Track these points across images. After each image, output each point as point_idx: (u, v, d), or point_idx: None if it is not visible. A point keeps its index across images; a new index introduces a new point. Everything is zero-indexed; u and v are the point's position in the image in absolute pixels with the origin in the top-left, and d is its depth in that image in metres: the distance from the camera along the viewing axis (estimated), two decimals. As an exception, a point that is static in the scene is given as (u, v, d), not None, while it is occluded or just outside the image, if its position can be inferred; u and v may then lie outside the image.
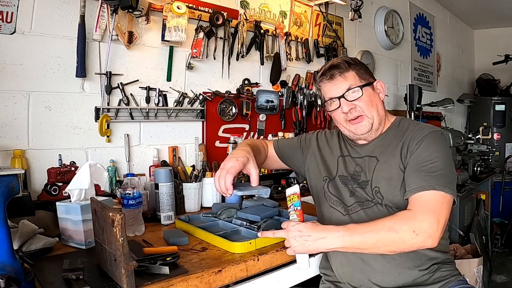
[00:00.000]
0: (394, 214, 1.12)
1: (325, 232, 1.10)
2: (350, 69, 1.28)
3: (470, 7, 4.61)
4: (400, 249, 1.09)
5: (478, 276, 2.34)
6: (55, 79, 1.64)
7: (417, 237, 1.06)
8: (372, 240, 1.08)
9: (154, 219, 1.61)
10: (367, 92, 1.28)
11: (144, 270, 1.04)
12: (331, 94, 1.30)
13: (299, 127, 2.62)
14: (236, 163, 1.19)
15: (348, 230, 1.09)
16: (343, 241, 1.08)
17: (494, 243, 3.87)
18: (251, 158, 1.23)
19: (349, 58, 1.32)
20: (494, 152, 4.66)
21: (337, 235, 1.09)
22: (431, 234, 1.06)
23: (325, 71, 1.31)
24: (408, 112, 3.36)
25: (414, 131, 1.26)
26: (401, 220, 1.08)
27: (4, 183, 0.93)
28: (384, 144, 1.31)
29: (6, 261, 0.90)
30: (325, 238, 1.09)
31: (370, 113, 1.28)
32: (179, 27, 1.94)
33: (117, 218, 0.93)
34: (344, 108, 1.27)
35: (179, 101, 2.04)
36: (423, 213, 1.08)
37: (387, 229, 1.07)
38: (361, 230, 1.09)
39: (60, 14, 1.64)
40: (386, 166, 1.25)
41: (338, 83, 1.28)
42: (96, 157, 1.74)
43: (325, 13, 2.88)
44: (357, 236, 1.08)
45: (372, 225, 1.10)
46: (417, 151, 1.20)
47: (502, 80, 5.10)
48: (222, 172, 1.18)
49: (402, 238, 1.06)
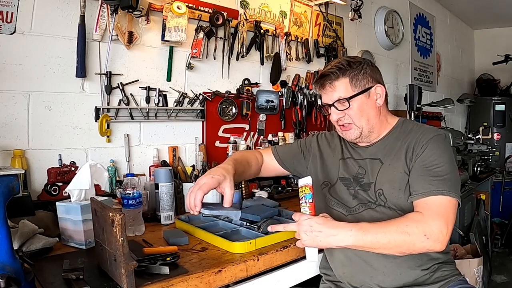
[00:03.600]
0: (405, 216, 1.12)
1: (337, 229, 1.09)
2: (342, 76, 1.26)
3: (470, 7, 4.61)
4: (410, 251, 1.10)
5: (478, 276, 2.34)
6: (55, 79, 1.64)
7: (427, 241, 1.07)
8: (384, 241, 1.08)
9: (154, 219, 1.61)
10: (357, 102, 1.26)
11: (144, 270, 1.04)
12: (324, 100, 1.33)
13: (299, 127, 2.63)
14: (211, 180, 1.17)
15: (361, 229, 1.08)
16: (356, 239, 1.08)
17: (494, 243, 3.87)
18: (228, 177, 1.20)
19: (346, 62, 1.28)
20: (494, 152, 4.66)
21: (350, 233, 1.08)
22: (440, 238, 1.08)
23: (317, 79, 1.32)
24: (408, 112, 3.36)
25: (418, 133, 1.26)
26: (413, 222, 1.09)
27: (4, 183, 0.93)
28: (387, 146, 1.30)
29: (6, 261, 0.90)
30: (337, 235, 1.08)
31: (359, 122, 1.28)
32: (179, 27, 1.94)
33: (117, 218, 0.93)
34: (334, 116, 1.30)
35: (179, 101, 2.04)
36: (433, 217, 1.09)
37: (400, 231, 1.07)
38: (373, 229, 1.09)
39: (60, 14, 1.64)
40: (391, 169, 1.25)
41: (328, 93, 1.29)
42: (96, 157, 1.74)
43: (325, 13, 2.88)
44: (370, 236, 1.08)
45: (385, 225, 1.10)
46: (422, 154, 1.20)
47: (502, 80, 5.10)
48: (195, 187, 1.17)
49: (413, 240, 1.07)
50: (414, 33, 4.06)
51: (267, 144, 2.36)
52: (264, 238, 1.31)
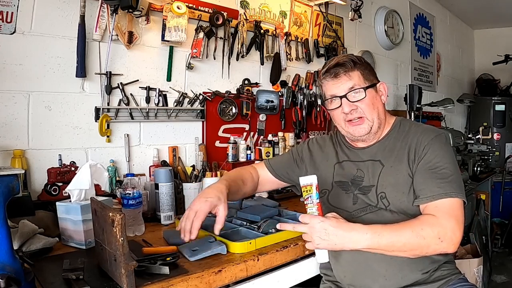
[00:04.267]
0: (419, 219, 1.12)
1: (353, 233, 1.08)
2: (355, 68, 1.26)
3: (470, 7, 4.61)
4: (423, 254, 1.11)
5: (478, 276, 2.34)
6: (55, 79, 1.64)
7: (441, 244, 1.07)
8: (399, 244, 1.08)
9: (154, 219, 1.61)
10: (370, 94, 1.26)
11: (144, 270, 1.04)
12: (333, 92, 1.27)
13: (299, 127, 2.63)
14: (204, 205, 1.17)
15: (376, 232, 1.08)
16: (371, 242, 1.07)
17: (494, 243, 3.87)
18: (222, 198, 1.20)
19: (355, 57, 1.28)
20: (494, 152, 4.66)
21: (365, 237, 1.07)
22: (454, 240, 1.08)
23: (330, 68, 1.27)
24: (408, 112, 3.37)
25: (417, 133, 1.25)
26: (428, 225, 1.08)
27: (4, 183, 0.93)
28: (387, 147, 1.29)
29: (6, 261, 0.90)
30: (352, 238, 1.07)
31: (370, 116, 1.26)
32: (179, 27, 1.94)
33: (117, 218, 0.93)
34: (345, 108, 1.25)
35: (179, 101, 2.04)
36: (446, 219, 1.09)
37: (415, 234, 1.07)
38: (389, 233, 1.08)
39: (60, 14, 1.64)
40: (393, 171, 1.24)
41: (342, 82, 1.25)
42: (96, 157, 1.74)
43: (325, 13, 2.88)
44: (385, 239, 1.07)
45: (400, 228, 1.09)
46: (425, 156, 1.20)
47: (502, 80, 5.10)
48: (190, 214, 1.16)
49: (428, 244, 1.07)
50: (414, 33, 4.06)
51: (267, 144, 2.36)
52: (264, 238, 1.30)
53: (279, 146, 2.41)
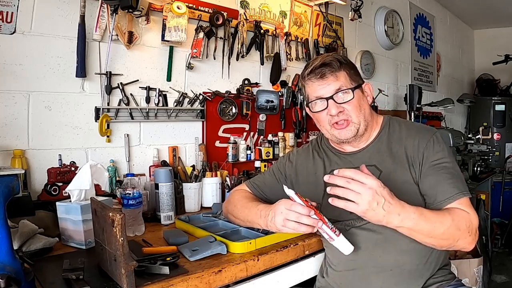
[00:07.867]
0: (453, 210, 1.10)
1: (403, 209, 1.01)
2: (341, 68, 1.21)
3: (470, 7, 4.61)
4: (452, 245, 1.09)
5: (478, 276, 2.34)
6: (55, 79, 1.64)
7: (469, 237, 1.08)
8: (439, 231, 1.04)
9: (154, 219, 1.61)
10: (357, 95, 1.21)
11: (144, 270, 1.04)
12: (319, 93, 1.21)
13: (299, 127, 2.62)
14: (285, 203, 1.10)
15: (423, 214, 1.03)
16: (415, 223, 1.02)
17: (494, 243, 3.87)
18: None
19: (340, 57, 1.24)
20: (494, 152, 4.66)
21: (412, 216, 1.01)
22: (475, 238, 1.09)
23: (315, 68, 1.21)
24: (408, 112, 3.37)
25: (412, 135, 1.22)
26: (462, 218, 1.08)
27: (4, 183, 0.93)
28: (380, 150, 1.25)
29: (6, 261, 0.90)
30: (400, 215, 1.00)
31: (357, 118, 1.21)
32: (179, 27, 1.94)
33: (117, 218, 0.93)
34: (332, 110, 1.20)
35: (179, 101, 2.04)
36: (474, 217, 1.10)
37: (455, 224, 1.06)
38: (434, 217, 1.05)
39: (60, 14, 1.64)
40: (394, 178, 1.18)
41: (328, 83, 1.20)
42: (96, 157, 1.74)
43: (325, 13, 2.88)
44: (429, 224, 1.03)
45: (441, 216, 1.06)
46: (428, 158, 1.18)
47: (502, 80, 5.11)
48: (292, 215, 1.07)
49: (460, 236, 1.07)
50: (414, 33, 4.06)
51: (267, 144, 2.36)
52: (264, 238, 1.31)
53: (279, 146, 2.41)
